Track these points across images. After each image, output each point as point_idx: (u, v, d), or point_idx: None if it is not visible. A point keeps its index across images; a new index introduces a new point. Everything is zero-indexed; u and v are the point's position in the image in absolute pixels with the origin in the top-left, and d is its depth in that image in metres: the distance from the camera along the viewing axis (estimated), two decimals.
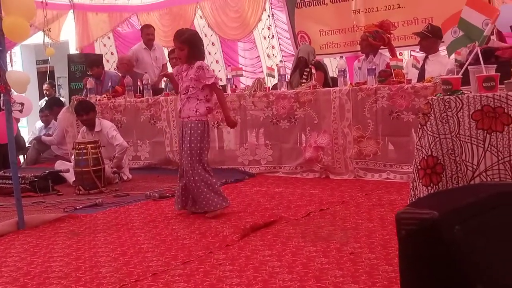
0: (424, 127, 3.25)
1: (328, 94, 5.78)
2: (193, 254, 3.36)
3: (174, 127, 6.83)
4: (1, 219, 4.49)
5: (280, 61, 8.43)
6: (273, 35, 8.97)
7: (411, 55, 7.17)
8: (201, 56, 4.48)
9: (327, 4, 8.00)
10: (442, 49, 5.98)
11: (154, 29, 8.62)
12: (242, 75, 7.35)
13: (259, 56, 9.32)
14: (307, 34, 8.24)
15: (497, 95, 3.09)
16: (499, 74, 3.24)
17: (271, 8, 8.92)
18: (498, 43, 4.81)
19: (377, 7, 7.53)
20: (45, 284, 3.02)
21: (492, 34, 5.05)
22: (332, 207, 4.42)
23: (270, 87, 6.69)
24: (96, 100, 7.42)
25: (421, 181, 3.22)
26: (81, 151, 5.72)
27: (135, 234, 3.94)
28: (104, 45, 10.86)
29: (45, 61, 11.55)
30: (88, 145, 5.75)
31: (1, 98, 5.10)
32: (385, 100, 5.42)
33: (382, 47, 6.54)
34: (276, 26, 8.93)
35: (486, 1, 5.98)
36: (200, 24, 9.76)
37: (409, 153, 5.04)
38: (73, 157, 6.06)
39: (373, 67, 5.82)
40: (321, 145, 5.79)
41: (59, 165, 6.40)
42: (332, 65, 7.95)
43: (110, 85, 7.90)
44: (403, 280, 1.69)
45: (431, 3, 7.01)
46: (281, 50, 8.96)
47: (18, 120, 8.66)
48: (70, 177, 6.01)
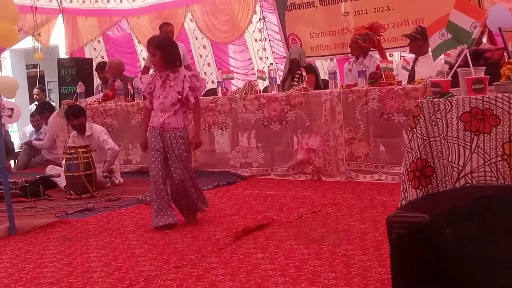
0: (414, 129, 3.26)
1: (319, 97, 5.80)
2: (185, 258, 3.35)
3: None
4: None
5: (271, 63, 8.46)
6: (264, 38, 8.99)
7: (401, 56, 7.21)
8: (178, 60, 4.23)
9: (316, 6, 8.03)
10: None
11: (173, 27, 8.11)
12: (233, 78, 7.36)
13: (250, 58, 9.35)
14: (298, 36, 8.27)
15: (486, 97, 3.10)
16: (488, 76, 3.26)
17: (262, 11, 8.94)
18: (490, 47, 4.84)
19: (366, 10, 7.56)
20: None
21: (482, 35, 5.08)
22: (324, 209, 4.43)
23: (261, 90, 6.70)
24: (86, 104, 7.40)
25: (410, 183, 3.24)
26: (72, 156, 5.70)
27: (127, 238, 3.93)
28: (94, 49, 10.85)
29: (35, 66, 11.51)
30: (79, 150, 5.74)
31: None
32: (375, 102, 5.44)
33: (372, 49, 6.56)
34: (267, 29, 8.95)
35: (475, 4, 6.02)
36: (190, 27, 9.76)
37: (401, 154, 5.06)
38: (64, 161, 6.04)
39: (364, 69, 5.84)
40: (312, 147, 5.80)
41: (50, 169, 6.37)
42: (324, 67, 7.98)
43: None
44: (395, 283, 1.70)
45: (421, 5, 7.06)
46: (272, 52, 8.98)
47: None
48: (61, 181, 5.99)
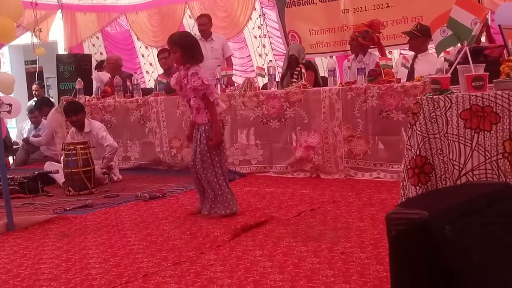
0: (414, 126, 3.26)
1: (318, 94, 5.79)
2: (184, 255, 3.35)
3: (164, 127, 6.82)
4: None
5: (270, 60, 8.45)
6: (264, 34, 8.97)
7: (400, 54, 7.20)
8: (198, 57, 4.31)
9: (316, 3, 8.02)
10: (431, 48, 6.00)
11: (207, 19, 7.91)
12: (233, 75, 7.34)
13: (250, 55, 9.32)
14: (297, 33, 8.26)
15: (486, 94, 3.10)
16: (488, 73, 3.26)
17: (261, 8, 8.92)
18: (489, 45, 4.83)
19: (365, 7, 7.55)
20: (35, 286, 3.00)
21: (481, 34, 5.07)
22: (323, 206, 4.43)
23: (260, 87, 6.69)
24: (85, 100, 7.38)
25: (410, 180, 3.23)
26: (70, 152, 5.69)
27: (126, 235, 3.92)
28: (93, 45, 10.82)
29: (34, 62, 11.50)
30: (77, 146, 5.72)
31: None
32: (374, 99, 5.43)
33: (371, 46, 6.55)
34: (266, 25, 8.93)
35: (475, 0, 6.01)
36: (189, 24, 9.74)
37: (399, 152, 5.06)
38: (62, 158, 6.03)
39: (363, 67, 5.84)
40: (311, 145, 5.80)
41: (49, 166, 6.36)
42: (323, 64, 7.97)
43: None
44: (394, 280, 1.70)
45: (420, 2, 7.05)
46: (272, 49, 8.96)
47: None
48: (60, 178, 5.98)
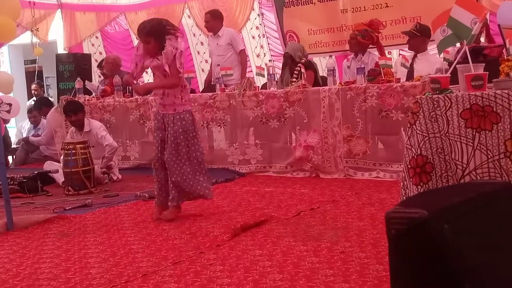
0: (414, 126, 3.26)
1: (318, 93, 5.79)
2: (183, 254, 3.35)
3: None
4: None
5: (270, 60, 8.44)
6: (263, 34, 8.97)
7: (399, 54, 7.20)
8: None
9: (315, 3, 8.01)
10: (431, 48, 6.02)
11: (210, 15, 7.69)
12: (232, 75, 7.33)
13: (248, 55, 9.31)
14: (296, 33, 8.25)
15: (486, 93, 3.10)
16: (487, 72, 3.26)
17: (260, 8, 8.92)
18: (488, 46, 4.84)
19: (364, 7, 7.54)
20: (35, 285, 3.00)
21: (480, 34, 5.07)
22: (323, 206, 4.43)
23: (260, 87, 6.69)
24: (84, 100, 7.38)
25: (411, 180, 3.24)
26: (70, 152, 5.69)
27: (125, 234, 3.93)
28: (93, 44, 10.82)
29: (33, 61, 11.49)
30: (77, 145, 5.72)
31: None
32: (374, 99, 5.44)
33: (371, 46, 6.55)
34: (264, 26, 8.93)
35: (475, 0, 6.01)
36: (188, 24, 9.74)
37: (399, 152, 5.06)
38: (62, 157, 6.03)
39: (362, 66, 5.84)
40: (311, 144, 5.80)
41: (48, 165, 6.36)
42: (322, 64, 7.97)
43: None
44: (394, 279, 1.70)
45: (419, 2, 7.04)
46: (270, 49, 8.96)
47: (7, 121, 8.63)
48: (59, 177, 5.98)
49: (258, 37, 8.95)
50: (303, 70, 6.30)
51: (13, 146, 9.07)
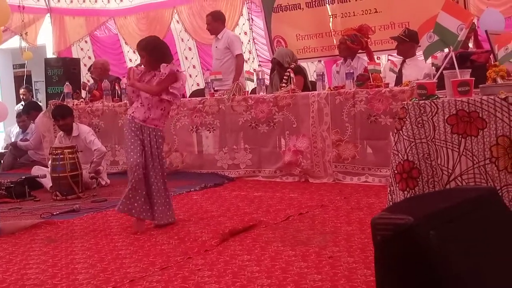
0: (400, 131, 3.27)
1: (307, 98, 5.80)
2: (171, 259, 3.34)
3: None
4: None
5: (259, 65, 8.45)
6: (251, 40, 8.97)
7: (388, 59, 7.23)
8: (164, 61, 4.15)
9: (302, 8, 8.04)
10: (420, 53, 6.04)
11: (211, 17, 7.48)
12: (221, 79, 7.33)
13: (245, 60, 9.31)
14: (284, 38, 8.27)
15: (472, 99, 3.12)
16: (474, 78, 3.28)
17: (249, 13, 8.93)
18: (476, 51, 4.87)
19: (354, 12, 7.58)
20: None
21: (468, 40, 5.10)
22: (311, 211, 4.43)
23: (249, 91, 6.69)
24: (73, 104, 7.35)
25: (397, 185, 3.25)
26: (58, 156, 5.66)
27: (113, 240, 3.91)
28: (82, 49, 10.79)
29: (22, 65, 11.42)
30: (65, 150, 5.70)
31: None
32: (363, 104, 5.46)
33: (360, 51, 6.58)
34: (252, 31, 8.94)
35: (461, 6, 6.06)
36: (176, 29, 9.75)
37: (387, 157, 5.05)
38: (50, 162, 6.00)
39: (351, 71, 5.85)
40: (300, 149, 5.81)
41: (36, 170, 6.33)
42: (310, 69, 7.99)
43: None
44: (379, 285, 1.70)
45: (408, 7, 7.09)
46: (257, 55, 8.97)
47: None
48: (47, 182, 5.95)
49: (246, 42, 8.96)
50: (292, 75, 6.31)
51: (1, 151, 9.01)
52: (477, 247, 1.69)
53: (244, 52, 8.91)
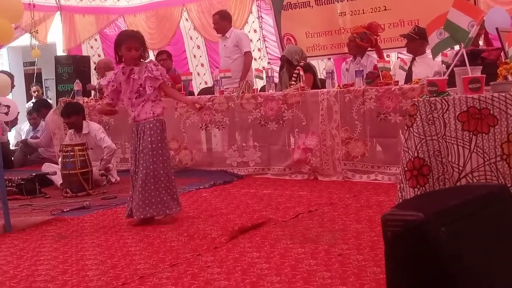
0: (411, 128, 3.26)
1: (316, 96, 5.79)
2: (181, 256, 3.35)
3: None
4: None
5: (269, 62, 8.45)
6: (262, 37, 8.97)
7: (398, 57, 7.21)
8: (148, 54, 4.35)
9: (312, 6, 8.03)
10: (429, 51, 6.02)
11: (218, 16, 7.52)
12: (230, 77, 7.34)
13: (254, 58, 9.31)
14: (294, 36, 8.27)
15: (483, 96, 3.10)
16: (485, 75, 3.26)
17: (258, 11, 8.93)
18: (486, 48, 4.84)
19: (363, 10, 7.56)
20: (32, 287, 3.00)
21: (479, 37, 5.07)
22: (321, 208, 4.43)
23: (258, 89, 6.68)
24: (83, 102, 7.38)
25: (408, 182, 3.23)
26: (68, 154, 5.69)
27: (123, 236, 3.92)
28: (91, 47, 10.83)
29: (32, 63, 11.49)
30: (75, 148, 5.72)
31: None
32: (372, 101, 5.44)
33: (369, 48, 6.56)
34: (262, 29, 8.94)
35: (471, 3, 6.03)
36: (186, 27, 9.76)
37: (397, 154, 5.06)
38: (60, 159, 6.02)
39: (361, 69, 5.84)
40: (309, 147, 5.80)
41: (46, 167, 6.36)
42: (320, 67, 7.98)
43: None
44: (390, 282, 1.70)
45: (417, 5, 7.07)
46: (267, 53, 8.97)
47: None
48: (57, 179, 5.98)
49: (256, 40, 8.96)
50: (302, 73, 6.30)
51: (11, 148, 9.06)
52: (488, 243, 1.68)
53: (254, 50, 8.93)
